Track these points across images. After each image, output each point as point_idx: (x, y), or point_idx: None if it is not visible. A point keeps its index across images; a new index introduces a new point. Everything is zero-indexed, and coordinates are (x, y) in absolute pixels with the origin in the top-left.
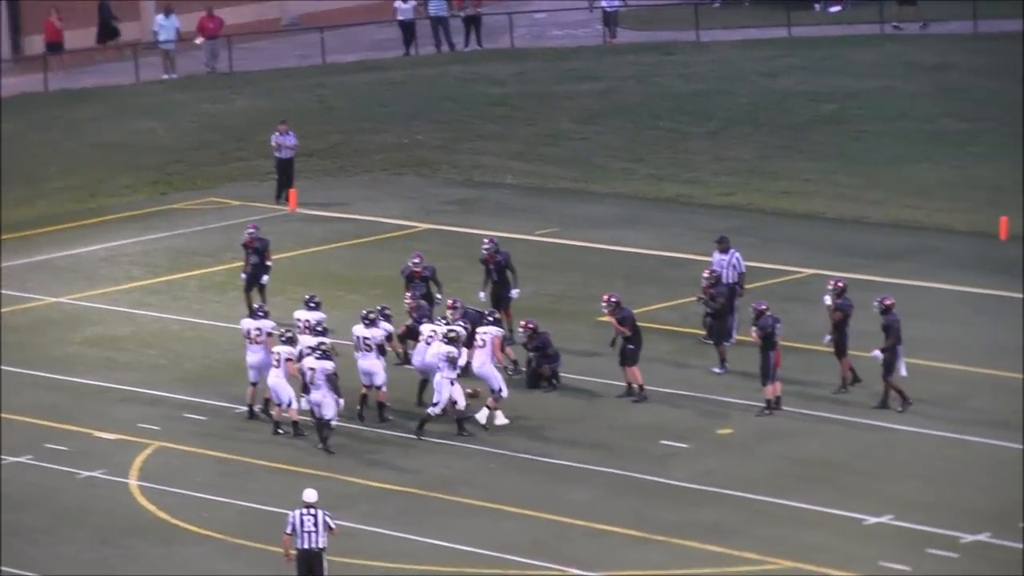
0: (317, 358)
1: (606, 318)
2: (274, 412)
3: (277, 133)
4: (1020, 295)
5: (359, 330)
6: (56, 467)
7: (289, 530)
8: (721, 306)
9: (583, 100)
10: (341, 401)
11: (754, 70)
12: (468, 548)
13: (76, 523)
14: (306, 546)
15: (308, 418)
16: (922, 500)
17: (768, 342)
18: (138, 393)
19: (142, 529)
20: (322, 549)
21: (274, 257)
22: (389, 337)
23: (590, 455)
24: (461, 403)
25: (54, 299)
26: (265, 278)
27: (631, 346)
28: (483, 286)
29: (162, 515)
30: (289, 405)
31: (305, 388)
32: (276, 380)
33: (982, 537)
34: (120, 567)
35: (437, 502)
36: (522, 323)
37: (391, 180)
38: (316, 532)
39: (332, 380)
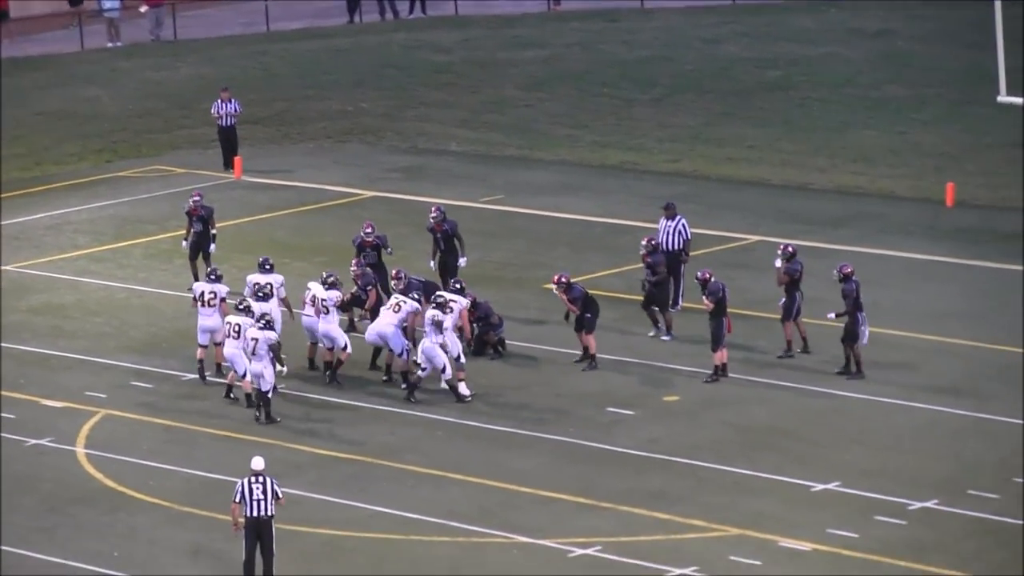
0: (260, 327)
1: (551, 285)
2: (228, 377)
3: (219, 100)
4: (967, 261)
5: (320, 293)
6: (3, 435)
7: (237, 498)
8: (662, 274)
9: (527, 67)
10: (284, 369)
11: (698, 37)
12: (414, 515)
13: (23, 491)
14: (255, 514)
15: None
16: (869, 467)
17: (720, 308)
18: (84, 361)
19: (89, 497)
20: (271, 517)
21: (219, 225)
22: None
23: (536, 422)
24: (423, 373)
25: None
26: (212, 247)
27: (587, 314)
28: (431, 255)
29: (109, 483)
30: (244, 376)
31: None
32: (232, 351)
33: (930, 504)
34: (68, 535)
35: (383, 469)
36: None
37: (335, 148)
38: (265, 500)
39: (275, 350)
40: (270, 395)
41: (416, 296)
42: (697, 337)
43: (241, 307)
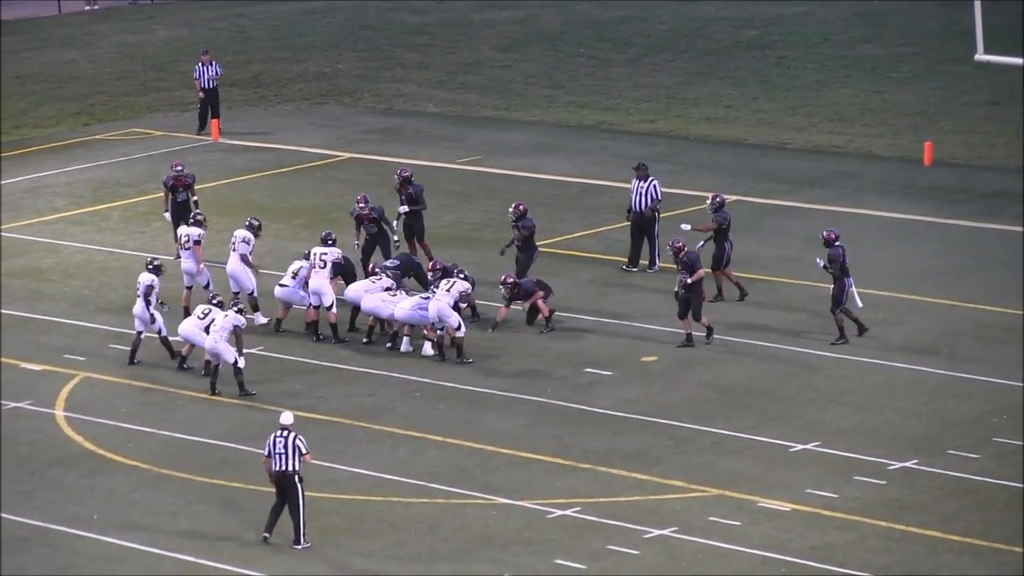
0: (235, 311)
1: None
2: (185, 350)
3: (199, 64)
4: (944, 220)
5: (317, 248)
6: None
7: (267, 452)
8: (526, 240)
9: (503, 28)
10: (241, 360)
11: None
12: (392, 477)
13: (2, 454)
14: (279, 468)
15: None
16: (848, 427)
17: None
18: (63, 324)
19: (69, 459)
20: (294, 472)
21: (196, 187)
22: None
23: (513, 383)
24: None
25: None
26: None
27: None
28: (395, 218)
29: (88, 445)
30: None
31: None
32: (191, 329)
33: (909, 464)
34: (46, 497)
35: (361, 431)
36: (429, 265)
37: (312, 109)
38: (286, 454)
39: (238, 336)
40: (240, 365)
41: (395, 283)
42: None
43: (214, 301)
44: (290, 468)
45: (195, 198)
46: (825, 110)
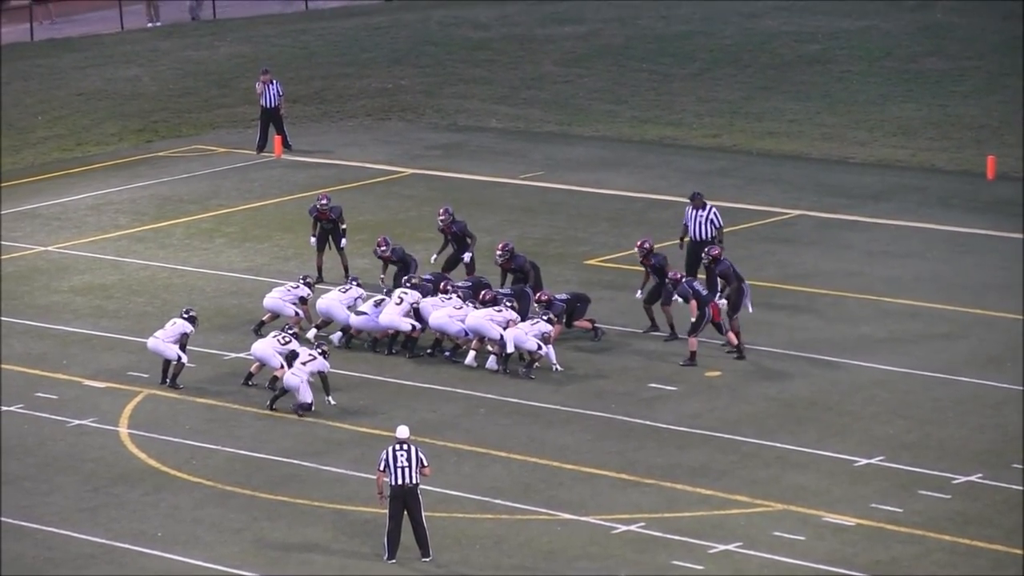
0: (320, 353)
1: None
2: (254, 368)
3: (259, 83)
4: (1007, 234)
5: (399, 290)
6: (46, 416)
7: (382, 466)
8: (529, 279)
9: (566, 43)
10: (332, 399)
11: (737, 11)
12: (456, 492)
13: (66, 471)
14: (400, 482)
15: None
16: (912, 441)
17: (701, 302)
18: (126, 341)
19: (132, 476)
20: (416, 485)
21: (260, 204)
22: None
23: (577, 399)
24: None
25: (41, 248)
26: (343, 241)
27: (579, 304)
28: (439, 251)
29: (152, 462)
30: (279, 367)
31: (290, 361)
32: (267, 350)
33: (974, 478)
34: (111, 515)
35: (425, 447)
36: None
37: (375, 125)
38: (410, 467)
39: (324, 378)
40: (312, 408)
41: (462, 302)
42: (743, 315)
43: (292, 331)
44: (412, 481)
45: (344, 226)
46: (888, 124)
